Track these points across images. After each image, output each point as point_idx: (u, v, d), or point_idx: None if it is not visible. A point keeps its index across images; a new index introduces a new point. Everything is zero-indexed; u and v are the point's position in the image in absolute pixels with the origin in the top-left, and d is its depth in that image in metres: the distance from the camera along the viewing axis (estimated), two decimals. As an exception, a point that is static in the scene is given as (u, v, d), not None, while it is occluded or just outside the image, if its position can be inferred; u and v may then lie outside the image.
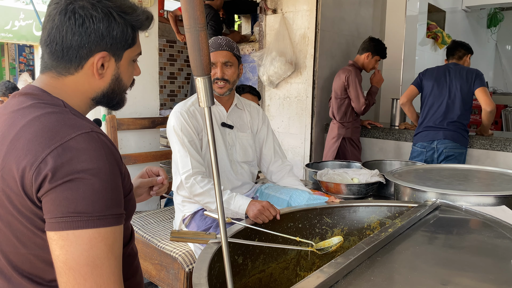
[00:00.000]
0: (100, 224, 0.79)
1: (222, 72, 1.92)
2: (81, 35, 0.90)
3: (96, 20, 0.90)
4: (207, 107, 0.83)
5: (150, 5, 2.56)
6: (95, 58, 0.93)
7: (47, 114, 0.86)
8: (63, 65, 0.93)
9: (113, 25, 0.92)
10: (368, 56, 3.54)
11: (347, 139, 3.60)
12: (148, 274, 2.13)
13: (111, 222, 0.81)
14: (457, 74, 3.12)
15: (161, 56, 5.26)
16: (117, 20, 0.93)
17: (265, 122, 2.19)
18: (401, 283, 1.03)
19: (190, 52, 0.80)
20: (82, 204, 0.78)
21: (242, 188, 2.06)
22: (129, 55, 0.99)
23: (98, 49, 0.92)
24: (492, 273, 1.04)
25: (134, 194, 1.02)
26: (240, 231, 1.45)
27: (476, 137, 3.34)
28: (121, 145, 2.48)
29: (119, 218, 0.84)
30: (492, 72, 7.69)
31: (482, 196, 1.61)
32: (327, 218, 1.65)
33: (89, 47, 0.92)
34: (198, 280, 1.05)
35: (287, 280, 1.57)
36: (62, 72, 0.94)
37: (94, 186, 0.79)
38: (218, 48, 1.93)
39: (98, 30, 0.91)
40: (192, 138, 1.88)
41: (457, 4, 6.20)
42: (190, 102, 1.98)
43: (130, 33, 0.96)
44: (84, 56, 0.92)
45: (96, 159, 0.81)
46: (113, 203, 0.82)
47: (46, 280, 0.88)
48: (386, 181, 2.18)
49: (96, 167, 0.80)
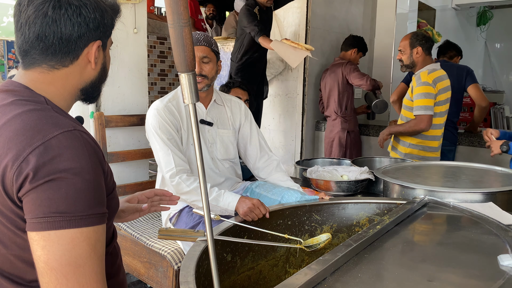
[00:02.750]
0: (83, 223, 0.78)
1: (200, 67, 1.91)
2: (80, 25, 0.90)
3: (91, 9, 0.91)
4: (192, 103, 0.82)
5: (139, 1, 2.54)
6: (92, 47, 0.94)
7: (28, 111, 0.84)
8: (58, 58, 0.91)
9: (105, 14, 0.95)
10: (354, 52, 3.73)
11: (351, 132, 3.72)
12: (137, 272, 2.11)
13: (94, 222, 0.80)
14: (448, 71, 3.13)
15: (152, 53, 5.22)
16: (106, 9, 0.95)
17: (248, 117, 2.14)
18: (388, 280, 1.03)
19: (174, 48, 0.79)
20: (64, 203, 0.77)
21: (226, 184, 2.05)
22: (110, 42, 1.02)
23: (94, 38, 0.94)
24: (478, 269, 1.05)
25: (117, 195, 1.01)
26: (229, 228, 1.45)
27: (465, 134, 3.36)
28: (109, 142, 2.46)
29: (102, 217, 0.83)
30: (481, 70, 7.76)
31: (469, 193, 1.62)
32: (316, 215, 1.65)
33: (87, 37, 0.92)
34: (185, 278, 1.05)
35: (276, 277, 1.57)
36: (55, 65, 0.92)
37: (76, 186, 0.78)
38: (196, 43, 1.91)
39: (95, 19, 0.92)
40: (172, 136, 1.86)
41: (447, 2, 6.24)
42: (167, 99, 1.96)
43: (114, 21, 0.99)
44: (82, 46, 0.93)
45: (79, 158, 0.80)
46: (96, 203, 0.81)
47: (27, 280, 0.86)
48: (375, 178, 2.19)
49: (79, 166, 0.79)
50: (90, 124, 2.43)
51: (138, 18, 2.58)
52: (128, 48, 2.56)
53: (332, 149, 3.71)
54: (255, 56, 3.52)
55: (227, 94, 2.21)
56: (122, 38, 2.52)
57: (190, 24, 0.77)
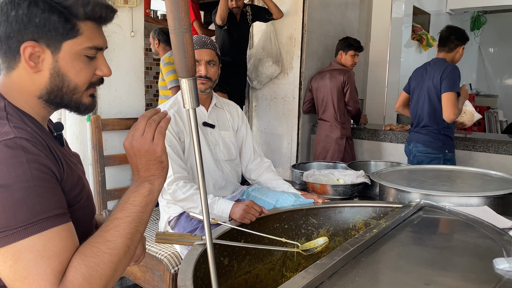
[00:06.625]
0: (25, 234, 0.76)
1: (206, 70, 1.93)
2: (5, 24, 0.86)
3: (17, 7, 0.85)
4: (192, 108, 0.82)
5: (136, 5, 2.54)
6: (21, 48, 0.87)
7: None
8: (3, 59, 0.90)
9: (35, 11, 0.86)
10: (341, 54, 3.70)
11: (348, 138, 3.73)
12: (133, 275, 2.11)
13: (41, 227, 0.77)
14: (430, 74, 2.96)
15: (148, 56, 5.21)
16: (39, 6, 0.86)
17: (244, 121, 2.20)
18: (385, 284, 1.04)
19: (175, 54, 0.79)
20: (2, 218, 0.75)
21: (226, 188, 2.06)
22: (72, 47, 0.90)
23: (25, 39, 0.87)
24: (474, 273, 1.06)
25: (84, 183, 1.00)
26: (226, 232, 1.45)
27: (459, 138, 3.38)
28: (105, 145, 2.45)
29: (54, 220, 0.80)
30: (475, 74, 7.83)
31: (465, 197, 1.63)
32: (313, 219, 1.66)
33: (16, 37, 0.87)
34: (183, 282, 1.05)
35: (273, 281, 1.57)
36: (8, 67, 0.91)
37: (13, 197, 0.75)
38: (203, 46, 1.94)
39: (18, 17, 0.86)
40: (172, 143, 1.87)
41: (442, 7, 6.30)
42: (168, 105, 1.98)
43: (60, 21, 0.88)
44: (15, 47, 0.88)
45: (14, 167, 0.77)
46: (42, 208, 0.78)
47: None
48: (371, 182, 2.20)
49: (14, 176, 0.76)
50: (86, 127, 2.43)
51: (135, 21, 2.59)
52: (125, 51, 2.56)
53: (329, 153, 3.70)
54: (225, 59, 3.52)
55: (224, 98, 2.23)
56: (119, 42, 2.53)
57: (191, 30, 0.77)
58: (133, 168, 0.96)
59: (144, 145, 0.91)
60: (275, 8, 3.66)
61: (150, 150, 0.91)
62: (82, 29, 0.91)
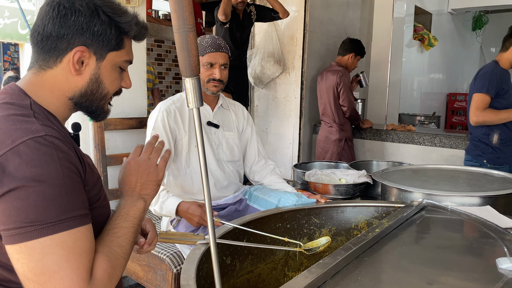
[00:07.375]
0: (55, 230, 0.78)
1: (220, 73, 1.92)
2: (61, 25, 0.90)
3: (78, 13, 0.91)
4: (196, 108, 0.83)
5: (138, 5, 2.54)
6: (73, 52, 0.93)
7: (6, 116, 0.84)
8: (43, 57, 0.93)
9: (95, 21, 0.93)
10: (351, 56, 3.67)
11: (347, 140, 3.70)
12: (135, 275, 2.11)
13: (70, 225, 0.80)
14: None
15: (149, 55, 5.22)
16: (101, 17, 0.93)
17: (249, 122, 2.19)
18: (388, 283, 1.04)
19: (179, 53, 0.79)
20: (33, 212, 0.76)
21: (228, 188, 2.06)
22: (114, 58, 0.99)
23: (77, 43, 0.92)
24: (477, 272, 1.06)
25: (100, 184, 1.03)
26: (228, 231, 1.45)
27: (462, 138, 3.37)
28: (108, 145, 2.46)
29: (80, 219, 0.82)
30: (477, 74, 7.80)
31: (467, 197, 1.63)
32: (315, 219, 1.66)
33: (68, 40, 0.92)
34: (186, 282, 1.05)
35: (275, 280, 1.57)
36: (42, 66, 0.94)
37: (45, 193, 0.77)
38: (218, 49, 1.93)
39: (78, 23, 0.91)
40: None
41: (443, 7, 6.29)
42: (171, 101, 1.97)
43: (114, 34, 0.96)
44: (63, 48, 0.92)
45: (47, 164, 0.79)
46: (70, 207, 0.81)
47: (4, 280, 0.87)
48: (373, 182, 2.20)
49: (46, 172, 0.78)
50: (89, 127, 2.43)
51: (137, 21, 2.59)
52: (126, 51, 2.56)
53: (327, 155, 3.69)
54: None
55: (230, 99, 2.23)
56: (121, 41, 2.53)
57: (195, 29, 0.77)
58: (128, 185, 1.04)
59: (150, 167, 1.06)
60: (281, 7, 3.62)
61: (154, 173, 1.05)
62: (125, 44, 1.00)
